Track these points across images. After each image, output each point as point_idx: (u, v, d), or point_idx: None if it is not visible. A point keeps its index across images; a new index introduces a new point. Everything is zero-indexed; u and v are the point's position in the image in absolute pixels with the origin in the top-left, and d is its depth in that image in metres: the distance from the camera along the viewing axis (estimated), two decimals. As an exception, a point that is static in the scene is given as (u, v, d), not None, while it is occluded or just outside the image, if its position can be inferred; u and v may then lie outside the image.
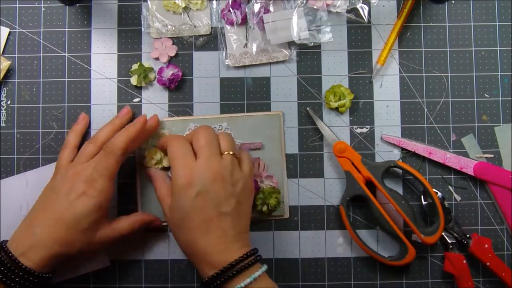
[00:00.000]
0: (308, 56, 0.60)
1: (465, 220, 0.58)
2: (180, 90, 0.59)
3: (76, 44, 0.59)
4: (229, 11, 0.59)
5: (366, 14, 0.59)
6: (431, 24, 0.60)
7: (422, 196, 0.57)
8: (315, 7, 0.59)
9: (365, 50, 0.60)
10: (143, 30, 0.59)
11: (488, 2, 0.60)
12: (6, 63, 0.58)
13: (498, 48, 0.60)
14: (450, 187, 0.58)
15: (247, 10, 0.58)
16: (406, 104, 0.59)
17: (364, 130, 0.59)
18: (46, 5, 0.60)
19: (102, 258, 0.56)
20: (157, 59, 0.59)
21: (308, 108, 0.59)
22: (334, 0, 0.59)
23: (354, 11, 0.59)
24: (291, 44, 0.59)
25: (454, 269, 0.55)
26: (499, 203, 0.57)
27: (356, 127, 0.59)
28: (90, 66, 0.59)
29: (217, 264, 0.45)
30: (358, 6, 0.59)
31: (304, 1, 0.58)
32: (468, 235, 0.56)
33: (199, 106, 0.59)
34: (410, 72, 0.59)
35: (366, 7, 0.59)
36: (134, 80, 0.58)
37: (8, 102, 0.59)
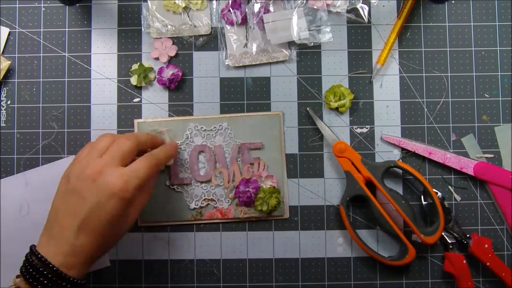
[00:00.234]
0: (308, 56, 0.60)
1: (465, 220, 0.58)
2: (180, 90, 0.59)
3: (76, 44, 0.59)
4: (229, 11, 0.59)
5: (366, 14, 0.59)
6: (431, 24, 0.60)
7: (422, 196, 0.57)
8: (315, 7, 0.59)
9: (365, 50, 0.60)
10: (143, 30, 0.59)
11: (488, 2, 0.60)
12: (6, 63, 0.58)
13: (498, 48, 0.60)
14: (450, 187, 0.58)
15: (247, 10, 0.58)
16: (406, 104, 0.59)
17: (364, 130, 0.59)
18: (46, 5, 0.60)
19: (102, 258, 0.56)
20: (157, 59, 0.59)
21: (308, 108, 0.59)
22: (334, 0, 0.59)
23: (354, 11, 0.59)
24: (291, 44, 0.59)
25: (454, 269, 0.55)
26: (499, 203, 0.57)
27: (356, 127, 0.59)
28: (90, 66, 0.59)
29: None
30: (358, 6, 0.59)
31: (304, 1, 0.58)
32: (468, 235, 0.56)
33: (199, 106, 0.59)
34: (410, 72, 0.59)
35: (366, 7, 0.59)
36: (134, 80, 0.58)
37: (8, 102, 0.59)
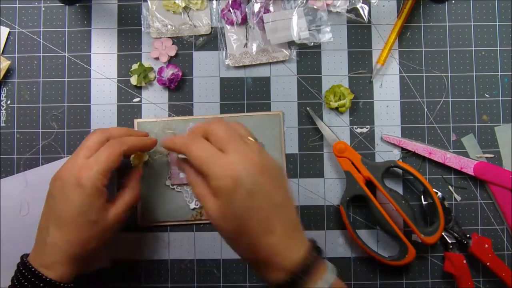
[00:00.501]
0: (308, 56, 0.60)
1: (465, 220, 0.58)
2: (180, 90, 0.59)
3: (76, 44, 0.59)
4: (229, 11, 0.59)
5: (366, 14, 0.59)
6: (431, 24, 0.60)
7: (422, 196, 0.57)
8: (315, 7, 0.59)
9: (365, 50, 0.60)
10: (143, 30, 0.59)
11: (488, 2, 0.60)
12: (6, 63, 0.58)
13: (498, 48, 0.60)
14: (450, 187, 0.58)
15: (247, 10, 0.58)
16: (406, 104, 0.59)
17: (364, 130, 0.59)
18: (46, 5, 0.60)
19: (102, 258, 0.56)
20: (157, 59, 0.59)
21: (308, 108, 0.59)
22: (334, 0, 0.59)
23: (354, 11, 0.59)
24: (291, 44, 0.59)
25: (454, 269, 0.55)
26: (499, 203, 0.57)
27: (356, 127, 0.59)
28: (90, 66, 0.59)
29: (285, 265, 0.40)
30: (358, 6, 0.59)
31: (304, 1, 0.58)
32: (468, 235, 0.56)
33: (199, 106, 0.59)
34: (410, 72, 0.59)
35: (366, 7, 0.59)
36: (134, 80, 0.58)
37: (8, 102, 0.59)
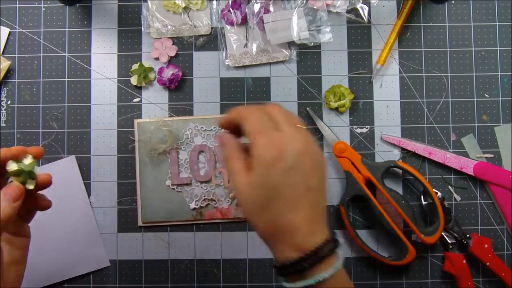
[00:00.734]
0: (308, 56, 0.60)
1: (465, 220, 0.58)
2: (180, 90, 0.59)
3: (76, 44, 0.59)
4: (229, 11, 0.59)
5: (366, 14, 0.59)
6: (431, 24, 0.60)
7: (422, 196, 0.57)
8: (315, 7, 0.59)
9: (365, 50, 0.60)
10: (143, 30, 0.59)
11: (488, 2, 0.60)
12: (6, 63, 0.58)
13: (498, 48, 0.60)
14: (450, 187, 0.58)
15: (247, 10, 0.58)
16: (406, 104, 0.59)
17: (364, 130, 0.59)
18: (46, 5, 0.60)
19: (102, 258, 0.56)
20: (157, 59, 0.59)
21: (308, 108, 0.59)
22: (334, 0, 0.59)
23: (354, 11, 0.59)
24: (291, 44, 0.59)
25: (454, 269, 0.55)
26: (499, 203, 0.57)
27: (356, 127, 0.59)
28: (90, 66, 0.59)
29: (302, 246, 0.40)
30: (358, 6, 0.59)
31: (304, 1, 0.58)
32: (468, 235, 0.56)
33: (199, 106, 0.59)
34: (410, 72, 0.59)
35: (366, 7, 0.59)
36: (134, 80, 0.58)
37: (8, 102, 0.59)
